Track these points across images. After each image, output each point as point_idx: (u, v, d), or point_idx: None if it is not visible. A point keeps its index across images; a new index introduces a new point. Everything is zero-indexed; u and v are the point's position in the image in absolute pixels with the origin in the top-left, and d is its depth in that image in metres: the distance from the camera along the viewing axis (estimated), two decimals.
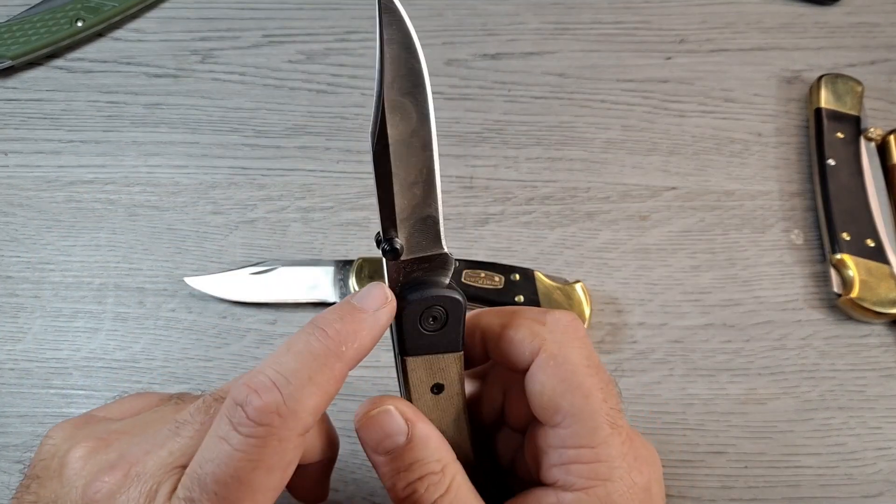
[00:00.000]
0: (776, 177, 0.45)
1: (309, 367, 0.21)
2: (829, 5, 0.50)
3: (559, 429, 0.24)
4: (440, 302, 0.23)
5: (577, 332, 0.25)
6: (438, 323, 0.24)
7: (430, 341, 0.24)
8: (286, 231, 0.42)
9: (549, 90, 0.47)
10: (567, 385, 0.23)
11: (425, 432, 0.24)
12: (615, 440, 0.23)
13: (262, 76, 0.47)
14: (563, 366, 0.24)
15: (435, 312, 0.24)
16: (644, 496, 0.23)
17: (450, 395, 0.25)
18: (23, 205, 0.43)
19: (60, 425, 0.26)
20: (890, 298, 0.39)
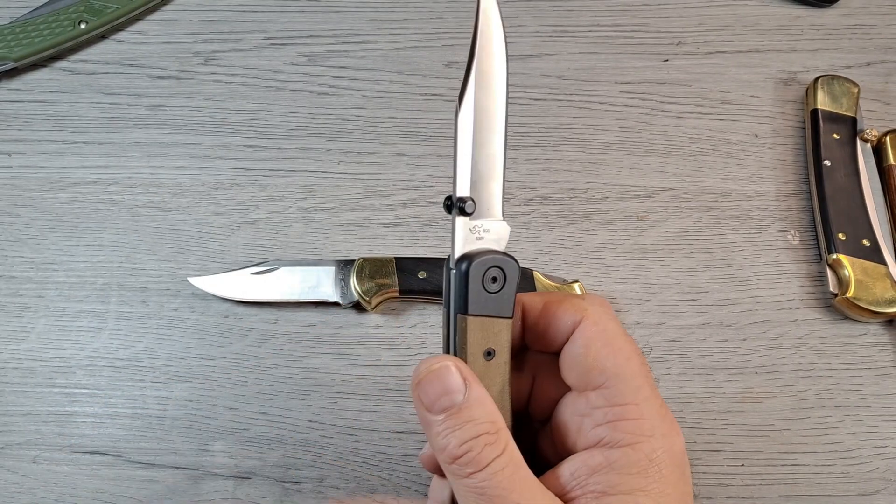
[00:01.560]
0: (773, 177, 0.45)
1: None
2: (825, 7, 0.51)
3: (603, 389, 0.25)
4: (500, 263, 0.25)
5: (610, 309, 0.27)
6: (497, 285, 0.25)
7: (488, 303, 0.25)
8: (288, 231, 0.43)
9: (548, 92, 0.48)
10: (611, 348, 0.25)
11: (481, 392, 0.24)
12: (655, 401, 0.24)
13: (264, 78, 0.48)
14: (607, 331, 0.25)
15: (495, 273, 0.25)
16: (682, 458, 0.24)
17: (499, 363, 0.26)
18: (26, 205, 0.43)
19: None
20: (885, 298, 0.40)
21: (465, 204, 0.25)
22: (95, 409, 0.38)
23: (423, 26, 0.49)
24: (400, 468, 0.37)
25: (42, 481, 0.37)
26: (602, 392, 0.25)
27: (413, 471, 0.37)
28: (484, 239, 0.26)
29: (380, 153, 0.45)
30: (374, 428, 0.38)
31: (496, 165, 0.26)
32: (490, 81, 0.25)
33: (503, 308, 0.26)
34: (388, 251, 0.42)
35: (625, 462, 0.24)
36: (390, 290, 0.39)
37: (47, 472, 0.37)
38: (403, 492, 0.37)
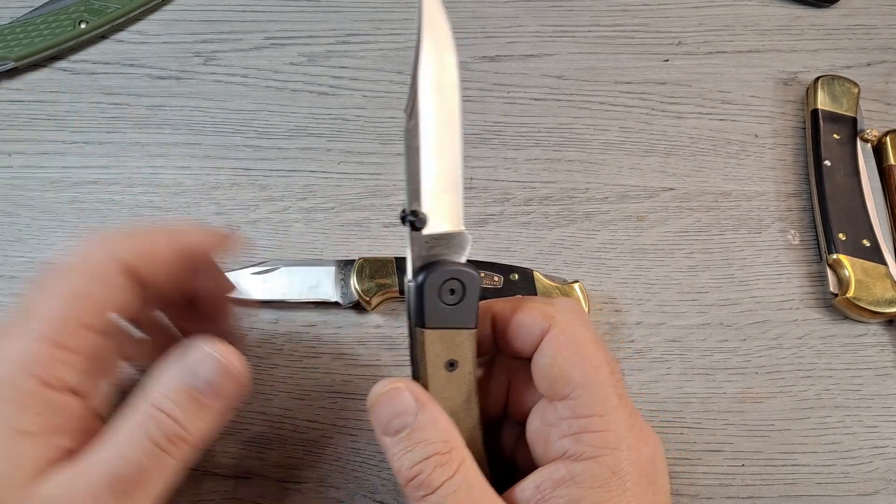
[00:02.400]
0: (773, 177, 0.45)
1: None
2: (825, 7, 0.51)
3: (569, 400, 0.24)
4: (458, 275, 0.25)
5: (582, 314, 0.26)
6: (456, 297, 0.25)
7: (447, 315, 0.25)
8: (288, 231, 0.43)
9: (548, 92, 0.48)
10: (577, 357, 0.24)
11: (434, 413, 0.24)
12: (623, 411, 0.24)
13: (265, 78, 0.48)
14: (574, 340, 0.25)
15: (453, 286, 0.25)
16: (650, 468, 0.24)
17: (462, 374, 0.26)
18: (27, 205, 0.43)
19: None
20: (886, 298, 0.40)
21: (416, 218, 0.24)
22: None
23: None
24: None
25: None
26: (568, 403, 0.24)
27: None
28: (441, 251, 0.25)
29: (380, 153, 0.45)
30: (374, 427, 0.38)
31: (453, 175, 0.24)
32: (439, 88, 0.24)
33: (464, 319, 0.25)
34: (388, 251, 0.42)
35: (587, 475, 0.23)
36: (390, 290, 0.39)
37: None
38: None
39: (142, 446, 0.23)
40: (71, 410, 0.24)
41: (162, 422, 0.23)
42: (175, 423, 0.23)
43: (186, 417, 0.24)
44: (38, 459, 0.22)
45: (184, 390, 0.24)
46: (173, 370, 0.24)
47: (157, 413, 0.23)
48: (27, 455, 0.22)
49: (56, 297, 0.24)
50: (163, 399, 0.24)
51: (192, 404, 0.24)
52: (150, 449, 0.23)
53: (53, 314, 0.24)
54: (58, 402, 0.23)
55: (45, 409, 0.23)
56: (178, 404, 0.24)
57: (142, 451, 0.23)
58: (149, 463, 0.23)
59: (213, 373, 0.24)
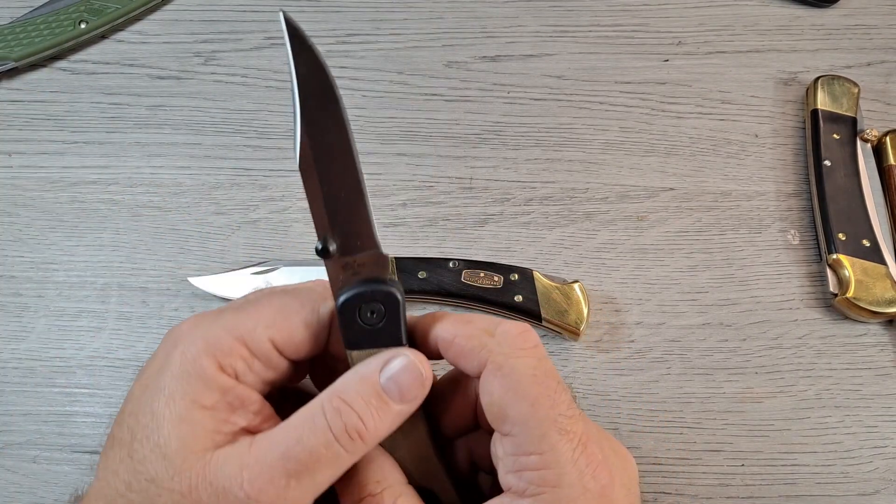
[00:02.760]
0: (773, 177, 0.45)
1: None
2: (825, 7, 0.51)
3: (509, 437, 0.24)
4: (375, 296, 0.25)
5: (526, 342, 0.25)
6: (378, 317, 0.25)
7: (372, 336, 0.25)
8: (288, 231, 0.43)
9: (548, 92, 0.48)
10: (513, 394, 0.24)
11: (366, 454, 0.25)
12: (564, 446, 0.23)
13: (265, 78, 0.48)
14: (509, 376, 0.24)
15: (373, 307, 0.25)
16: (600, 501, 0.24)
17: None
18: (27, 205, 0.43)
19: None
20: (886, 298, 0.40)
21: (328, 247, 0.24)
22: (96, 409, 0.38)
23: (423, 26, 0.49)
24: None
25: (42, 481, 0.37)
26: (509, 439, 0.24)
27: None
28: (360, 273, 0.25)
29: (380, 153, 0.45)
30: None
31: (355, 198, 0.24)
32: (321, 116, 0.24)
33: (391, 339, 0.25)
34: (388, 251, 0.42)
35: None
36: None
37: (47, 472, 0.37)
38: None
39: (320, 433, 0.23)
40: (246, 397, 0.25)
41: (344, 413, 0.24)
42: (357, 417, 0.24)
43: (369, 413, 0.24)
44: (215, 431, 0.23)
45: (371, 387, 0.24)
46: (364, 367, 0.25)
47: (342, 404, 0.24)
48: (205, 425, 0.23)
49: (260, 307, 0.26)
50: (349, 391, 0.24)
51: (376, 401, 0.24)
52: (328, 437, 0.23)
53: (249, 320, 0.25)
54: (232, 386, 0.24)
55: (222, 389, 0.24)
56: (363, 399, 0.24)
57: (320, 437, 0.23)
58: (323, 451, 0.23)
59: (403, 374, 0.25)
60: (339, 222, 0.24)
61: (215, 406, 0.24)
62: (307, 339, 0.26)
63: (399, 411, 0.25)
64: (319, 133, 0.24)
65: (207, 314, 0.26)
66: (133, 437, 0.24)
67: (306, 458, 0.23)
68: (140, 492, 0.23)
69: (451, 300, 0.40)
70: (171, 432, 0.23)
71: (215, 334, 0.25)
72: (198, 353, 0.24)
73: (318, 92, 0.24)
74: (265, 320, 0.25)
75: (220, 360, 0.24)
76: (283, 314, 0.26)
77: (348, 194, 0.24)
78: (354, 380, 0.25)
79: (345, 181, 0.24)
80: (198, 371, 0.24)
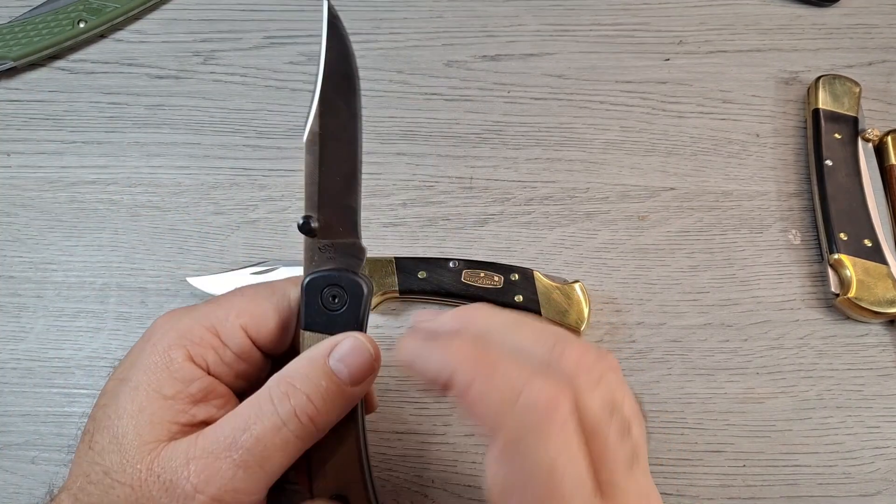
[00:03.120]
0: (774, 177, 0.45)
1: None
2: (826, 7, 0.51)
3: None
4: (342, 282, 0.25)
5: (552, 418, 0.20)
6: (340, 303, 0.25)
7: (330, 321, 0.25)
8: (287, 231, 0.43)
9: (549, 91, 0.47)
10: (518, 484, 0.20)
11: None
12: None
13: (264, 77, 0.47)
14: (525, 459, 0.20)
15: (336, 292, 0.25)
16: None
17: None
18: (25, 205, 0.43)
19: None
20: (887, 298, 0.39)
21: (310, 224, 0.25)
22: None
23: (423, 25, 0.49)
24: (400, 468, 0.37)
25: (41, 482, 0.37)
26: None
27: (413, 471, 0.37)
28: (335, 259, 0.26)
29: (380, 153, 0.45)
30: (373, 428, 0.38)
31: (349, 186, 0.26)
32: (338, 101, 0.25)
33: (347, 328, 0.25)
34: (388, 251, 0.42)
35: None
36: (390, 290, 0.39)
37: (46, 473, 0.37)
38: (403, 492, 0.37)
39: (267, 418, 0.23)
40: (212, 389, 0.24)
41: (293, 396, 0.23)
42: (307, 399, 0.23)
43: (318, 395, 0.24)
44: (171, 422, 0.23)
45: (320, 368, 0.24)
46: (314, 350, 0.25)
47: (289, 387, 0.23)
48: (162, 416, 0.23)
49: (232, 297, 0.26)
50: (297, 374, 0.24)
51: (326, 383, 0.24)
52: (275, 422, 0.23)
53: (220, 309, 0.25)
54: (198, 377, 0.24)
55: (186, 379, 0.24)
56: (312, 380, 0.24)
57: (267, 422, 0.23)
58: (271, 437, 0.23)
59: (352, 355, 0.24)
60: (327, 204, 0.25)
61: (176, 396, 0.24)
62: (278, 326, 0.26)
63: (350, 393, 0.24)
64: (331, 116, 0.25)
65: (182, 308, 0.26)
66: (95, 428, 0.24)
67: (253, 446, 0.22)
68: (97, 483, 0.23)
69: (451, 300, 0.40)
70: (128, 423, 0.23)
71: (187, 325, 0.25)
72: (168, 344, 0.24)
73: (341, 79, 0.25)
74: (236, 309, 0.25)
75: (191, 351, 0.24)
76: (255, 301, 0.26)
77: (343, 181, 0.25)
78: (302, 362, 0.24)
79: (343, 168, 0.25)
80: (165, 362, 0.24)
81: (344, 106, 0.25)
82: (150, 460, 0.23)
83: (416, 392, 0.39)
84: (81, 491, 0.23)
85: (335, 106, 0.25)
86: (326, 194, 0.25)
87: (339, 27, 0.25)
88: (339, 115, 0.25)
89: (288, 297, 0.26)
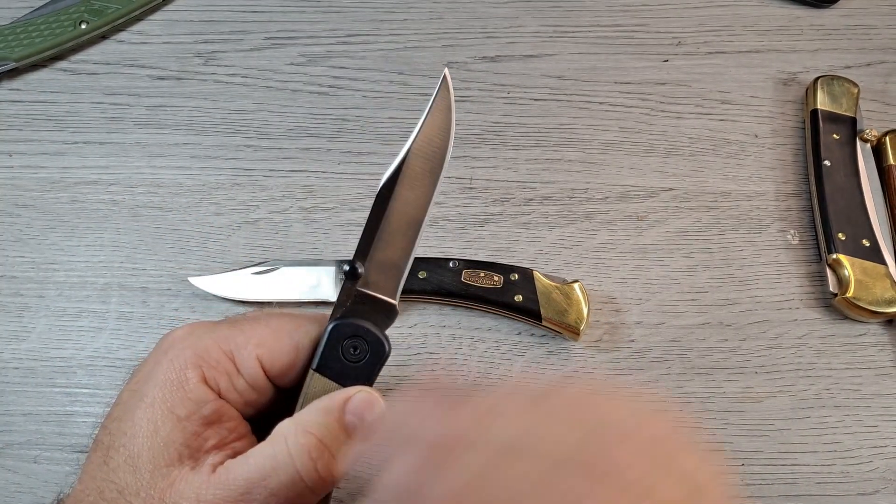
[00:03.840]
0: (772, 177, 0.45)
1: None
2: (825, 8, 0.51)
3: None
4: (367, 337, 0.25)
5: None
6: (359, 356, 0.25)
7: (343, 369, 0.25)
8: (288, 231, 0.43)
9: (548, 92, 0.48)
10: None
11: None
12: None
13: (265, 78, 0.48)
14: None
15: (358, 344, 0.25)
16: None
17: None
18: (27, 205, 0.44)
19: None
20: (885, 298, 0.40)
21: (357, 271, 0.26)
22: (96, 409, 0.38)
23: (423, 26, 0.50)
24: None
25: (43, 481, 0.37)
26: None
27: None
28: (367, 312, 0.26)
29: (380, 153, 0.45)
30: None
31: (404, 249, 0.26)
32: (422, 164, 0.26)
33: (356, 381, 0.25)
34: None
35: None
36: None
37: (48, 472, 0.37)
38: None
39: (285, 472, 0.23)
40: (224, 413, 0.24)
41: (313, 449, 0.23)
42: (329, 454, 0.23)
43: (338, 448, 0.23)
44: (183, 445, 0.23)
45: (337, 421, 0.24)
46: (328, 401, 0.25)
47: (310, 439, 0.23)
48: (175, 437, 0.23)
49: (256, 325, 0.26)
50: (315, 424, 0.24)
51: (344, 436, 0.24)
52: (293, 477, 0.23)
53: (241, 335, 0.25)
54: (210, 399, 0.24)
55: (200, 400, 0.24)
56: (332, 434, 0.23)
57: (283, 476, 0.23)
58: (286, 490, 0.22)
59: (366, 410, 0.24)
60: (377, 258, 0.26)
61: (189, 417, 0.23)
62: (294, 364, 0.26)
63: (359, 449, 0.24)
64: (409, 183, 0.26)
65: (203, 324, 0.26)
66: (111, 444, 0.24)
67: (267, 499, 0.22)
68: (110, 501, 0.23)
69: (451, 300, 0.40)
70: (143, 443, 0.23)
71: (205, 345, 0.25)
72: (185, 362, 0.24)
73: (432, 156, 0.26)
74: (257, 338, 0.25)
75: (206, 373, 0.24)
76: (276, 335, 0.26)
77: (400, 242, 0.26)
78: (318, 413, 0.24)
79: (404, 231, 0.26)
80: (181, 380, 0.24)
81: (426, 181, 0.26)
82: (162, 488, 0.22)
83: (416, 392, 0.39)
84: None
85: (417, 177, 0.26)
86: (380, 248, 0.26)
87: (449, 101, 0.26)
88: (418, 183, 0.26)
89: (310, 336, 0.26)
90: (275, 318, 0.27)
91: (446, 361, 0.40)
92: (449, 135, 0.26)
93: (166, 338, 0.26)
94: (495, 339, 0.40)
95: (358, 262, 0.26)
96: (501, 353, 0.40)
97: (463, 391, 0.22)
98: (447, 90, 0.26)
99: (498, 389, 0.21)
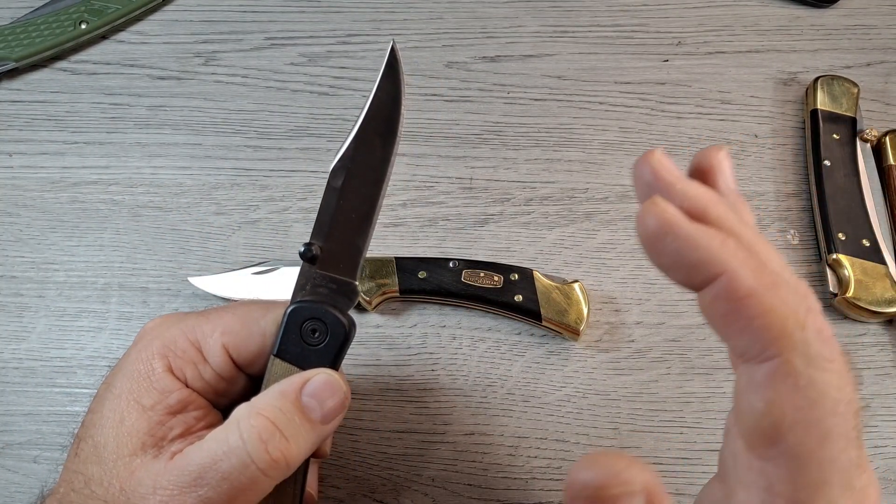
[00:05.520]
0: (772, 178, 0.45)
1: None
2: (825, 8, 0.51)
3: (769, 462, 0.19)
4: (326, 319, 0.25)
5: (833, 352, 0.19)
6: (319, 339, 0.25)
7: (303, 353, 0.25)
8: (288, 231, 0.43)
9: (548, 92, 0.48)
10: (802, 417, 0.18)
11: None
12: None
13: (265, 78, 0.48)
14: (805, 392, 0.18)
15: (317, 326, 0.25)
16: None
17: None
18: (27, 205, 0.44)
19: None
20: (885, 298, 0.40)
21: (312, 252, 0.25)
22: None
23: (423, 26, 0.50)
24: (400, 468, 0.37)
25: (43, 481, 0.37)
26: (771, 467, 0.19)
27: (412, 470, 0.37)
28: (326, 294, 0.25)
29: None
30: (374, 427, 0.38)
31: (360, 227, 0.25)
32: (375, 141, 0.25)
33: (318, 365, 0.25)
34: (388, 251, 0.42)
35: None
36: (390, 290, 0.39)
37: (48, 472, 0.37)
38: (403, 491, 0.37)
39: (235, 455, 0.22)
40: (190, 402, 0.24)
41: (264, 431, 0.23)
42: (280, 436, 0.23)
43: (292, 431, 0.23)
44: (147, 434, 0.23)
45: (292, 403, 0.24)
46: (285, 384, 0.24)
47: (262, 421, 0.23)
48: (139, 427, 0.23)
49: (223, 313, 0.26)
50: (269, 407, 0.23)
51: (299, 419, 0.23)
52: (243, 459, 0.22)
53: (208, 324, 0.25)
54: (176, 389, 0.24)
55: (165, 390, 0.24)
56: (285, 416, 0.23)
57: (234, 460, 0.22)
58: (238, 475, 0.22)
59: (324, 391, 0.24)
60: (335, 237, 0.25)
61: (154, 407, 0.23)
62: (262, 351, 0.26)
63: (320, 431, 0.24)
64: (365, 153, 0.25)
65: (174, 315, 0.26)
66: (83, 435, 0.24)
67: (219, 483, 0.22)
68: (78, 492, 0.23)
69: (451, 300, 0.40)
70: (109, 433, 0.23)
71: (172, 335, 0.25)
72: (152, 353, 0.24)
73: (384, 121, 0.26)
74: (223, 326, 0.25)
75: (172, 362, 0.24)
76: (243, 322, 0.26)
77: (357, 220, 0.25)
78: (273, 395, 0.24)
79: (361, 207, 0.25)
80: (147, 371, 0.24)
81: (379, 148, 0.26)
82: (123, 477, 0.22)
83: (416, 391, 0.39)
84: (65, 497, 0.23)
85: (371, 145, 0.25)
86: (337, 228, 0.25)
87: (398, 69, 0.26)
88: (372, 156, 0.25)
89: (277, 322, 0.26)
90: (242, 307, 0.26)
91: (446, 361, 0.40)
92: (399, 100, 0.26)
93: (140, 331, 0.26)
94: (495, 339, 0.40)
95: (314, 243, 0.25)
96: (501, 353, 0.40)
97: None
98: (395, 57, 0.26)
99: None
